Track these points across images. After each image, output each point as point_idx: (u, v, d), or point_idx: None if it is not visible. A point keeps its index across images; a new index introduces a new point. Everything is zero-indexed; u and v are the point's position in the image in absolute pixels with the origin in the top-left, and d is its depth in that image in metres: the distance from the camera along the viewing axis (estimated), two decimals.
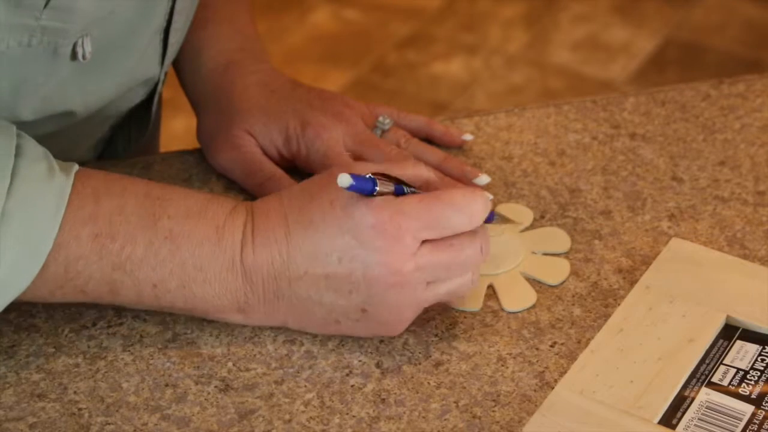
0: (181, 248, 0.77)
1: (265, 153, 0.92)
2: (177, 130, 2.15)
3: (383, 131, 0.94)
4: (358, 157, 0.91)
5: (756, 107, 1.01)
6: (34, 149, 0.76)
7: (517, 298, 0.84)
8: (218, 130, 0.93)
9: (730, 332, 0.81)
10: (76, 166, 0.78)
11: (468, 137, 0.97)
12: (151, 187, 0.79)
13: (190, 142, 0.97)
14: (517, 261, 0.86)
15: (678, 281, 0.84)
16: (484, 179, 0.92)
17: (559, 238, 0.88)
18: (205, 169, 0.94)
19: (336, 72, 2.59)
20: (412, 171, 0.80)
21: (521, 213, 0.90)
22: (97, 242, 0.76)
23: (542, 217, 0.91)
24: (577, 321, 0.82)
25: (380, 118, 0.94)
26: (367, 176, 0.75)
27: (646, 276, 0.84)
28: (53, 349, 0.80)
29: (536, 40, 2.68)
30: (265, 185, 0.90)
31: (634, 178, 0.94)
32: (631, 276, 0.85)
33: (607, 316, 0.82)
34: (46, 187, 0.75)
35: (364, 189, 0.75)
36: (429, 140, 0.96)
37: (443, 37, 2.70)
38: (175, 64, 0.98)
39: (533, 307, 0.83)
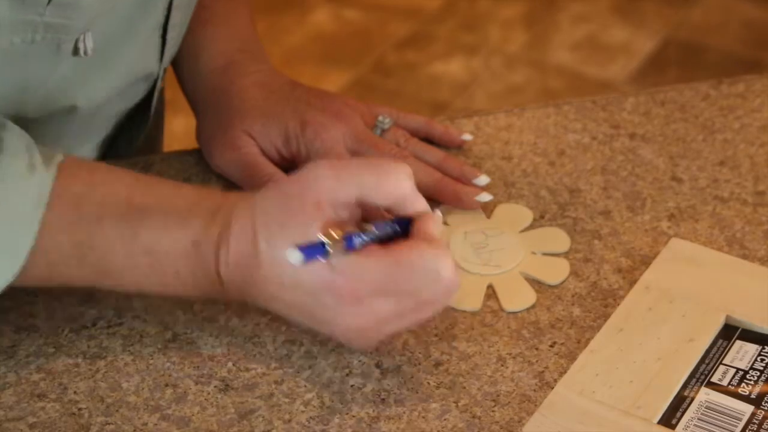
0: (161, 261, 0.77)
1: (265, 154, 0.92)
2: (177, 130, 2.15)
3: (383, 131, 0.94)
4: (358, 157, 0.91)
5: (755, 107, 1.01)
6: (16, 142, 0.76)
7: (517, 298, 0.84)
8: (217, 132, 0.93)
9: (730, 332, 0.81)
10: (60, 157, 0.77)
11: (467, 137, 0.96)
12: (134, 192, 0.78)
13: (190, 143, 0.97)
14: (517, 261, 0.86)
15: (678, 281, 0.84)
16: (483, 179, 0.92)
17: (558, 238, 0.88)
18: (205, 170, 0.94)
19: (336, 72, 2.59)
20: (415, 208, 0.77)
21: (521, 213, 0.91)
22: (78, 250, 0.76)
23: (542, 217, 0.91)
24: (576, 321, 0.82)
25: (380, 118, 0.94)
26: (317, 242, 0.73)
27: (645, 276, 0.84)
28: (53, 349, 0.80)
29: (536, 40, 2.68)
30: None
31: (633, 178, 0.94)
32: (630, 276, 0.85)
33: (606, 316, 0.82)
34: (25, 185, 0.75)
35: (316, 254, 0.73)
36: (428, 140, 0.96)
37: (443, 37, 2.70)
38: (175, 65, 0.98)
39: (533, 307, 0.83)
